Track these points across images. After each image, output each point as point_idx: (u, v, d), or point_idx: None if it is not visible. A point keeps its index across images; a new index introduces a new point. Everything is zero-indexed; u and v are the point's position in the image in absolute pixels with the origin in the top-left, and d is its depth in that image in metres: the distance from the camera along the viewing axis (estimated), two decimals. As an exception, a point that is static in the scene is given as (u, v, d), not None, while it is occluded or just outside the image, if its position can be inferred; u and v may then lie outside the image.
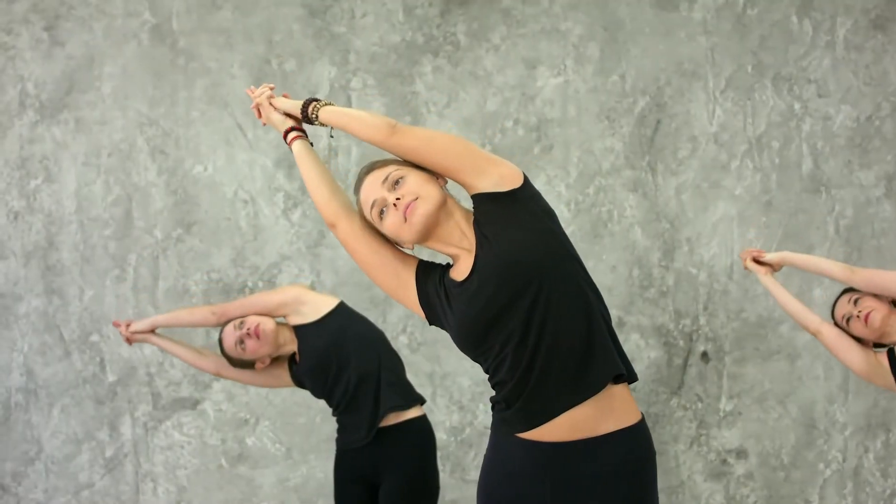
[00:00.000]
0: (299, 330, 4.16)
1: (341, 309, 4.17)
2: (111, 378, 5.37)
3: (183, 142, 5.41)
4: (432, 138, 2.53)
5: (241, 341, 4.10)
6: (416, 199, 2.45)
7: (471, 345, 2.49)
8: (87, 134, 5.39)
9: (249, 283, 5.38)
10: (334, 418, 4.26)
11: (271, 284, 5.34)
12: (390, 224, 2.48)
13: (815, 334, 4.07)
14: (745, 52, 5.44)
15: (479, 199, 2.49)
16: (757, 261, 4.25)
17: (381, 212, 2.49)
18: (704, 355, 5.41)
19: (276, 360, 4.23)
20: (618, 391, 2.46)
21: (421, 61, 5.44)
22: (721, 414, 5.40)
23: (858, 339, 3.99)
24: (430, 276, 2.56)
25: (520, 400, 2.43)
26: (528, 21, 5.44)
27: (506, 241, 2.43)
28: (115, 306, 5.36)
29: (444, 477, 5.29)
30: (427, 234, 2.48)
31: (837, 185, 5.42)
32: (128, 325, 4.35)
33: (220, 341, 4.17)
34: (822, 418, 5.39)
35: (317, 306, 4.16)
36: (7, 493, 5.36)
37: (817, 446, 5.39)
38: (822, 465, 5.39)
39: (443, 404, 5.37)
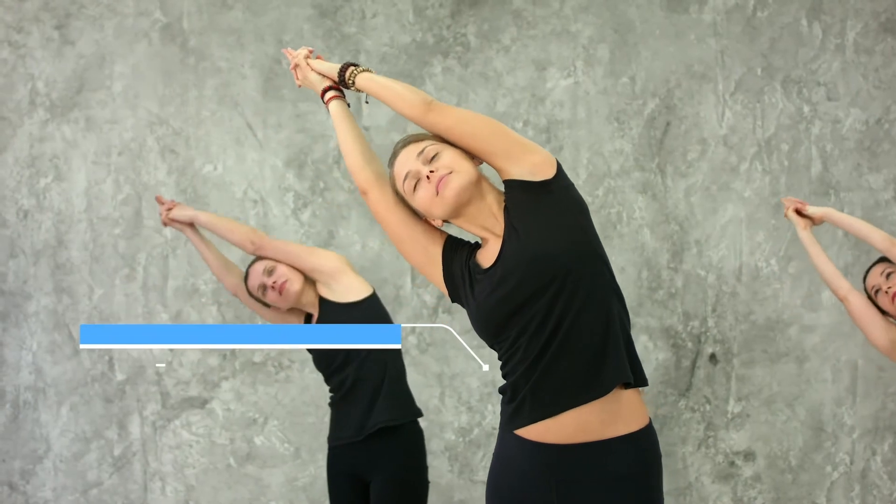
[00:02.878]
0: (323, 302, 4.11)
1: (370, 302, 4.10)
2: (120, 377, 5.38)
3: (193, 141, 5.41)
4: (468, 119, 2.51)
5: (264, 288, 4.07)
6: (450, 172, 2.44)
7: (489, 332, 2.48)
8: (97, 133, 5.40)
9: (258, 283, 5.37)
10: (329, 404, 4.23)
11: (280, 284, 5.33)
12: (422, 197, 2.47)
13: (842, 300, 4.06)
14: (754, 54, 5.45)
15: (510, 185, 2.48)
16: (799, 212, 4.21)
17: (414, 185, 2.48)
18: (713, 357, 5.42)
19: (293, 309, 4.20)
20: (626, 396, 2.44)
21: (431, 62, 5.44)
22: (729, 416, 5.41)
23: (884, 312, 3.98)
24: (457, 256, 2.54)
25: (524, 390, 2.42)
26: (539, 22, 5.45)
27: (533, 235, 2.41)
28: (124, 305, 5.37)
29: (452, 477, 5.30)
30: (458, 209, 2.47)
31: (846, 187, 5.43)
32: (169, 209, 4.29)
33: (247, 273, 4.14)
34: (830, 421, 5.39)
35: (348, 289, 4.09)
36: (15, 492, 5.36)
37: (825, 449, 5.40)
38: (829, 468, 5.40)
39: (451, 405, 5.37)
